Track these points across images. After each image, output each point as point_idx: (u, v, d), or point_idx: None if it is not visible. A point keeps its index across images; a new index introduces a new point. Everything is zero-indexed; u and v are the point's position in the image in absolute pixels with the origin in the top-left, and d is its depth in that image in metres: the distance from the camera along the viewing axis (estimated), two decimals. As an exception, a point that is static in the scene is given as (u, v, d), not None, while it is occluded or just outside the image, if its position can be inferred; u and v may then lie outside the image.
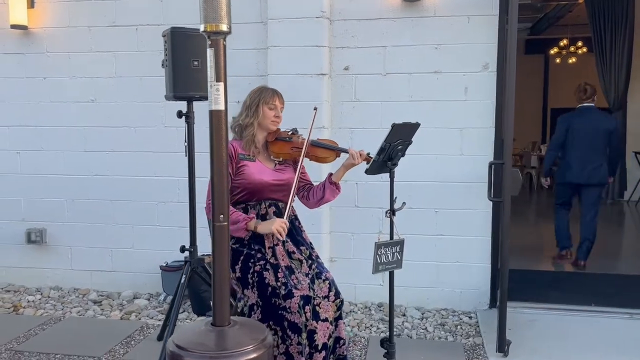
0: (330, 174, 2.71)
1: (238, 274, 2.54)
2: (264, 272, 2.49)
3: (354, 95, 4.14)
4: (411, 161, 4.09)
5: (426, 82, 4.04)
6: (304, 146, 2.59)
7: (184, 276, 3.18)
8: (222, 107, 1.83)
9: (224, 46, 1.84)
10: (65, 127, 4.52)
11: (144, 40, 4.34)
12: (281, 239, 2.46)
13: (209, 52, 1.80)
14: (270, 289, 2.46)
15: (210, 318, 2.01)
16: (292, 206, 2.73)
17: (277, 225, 2.45)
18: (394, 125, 2.35)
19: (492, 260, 4.08)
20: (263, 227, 2.48)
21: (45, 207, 4.61)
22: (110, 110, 4.44)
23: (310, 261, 2.62)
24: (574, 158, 4.88)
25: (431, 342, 3.63)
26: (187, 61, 2.96)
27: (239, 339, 1.91)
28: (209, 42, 1.79)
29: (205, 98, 3.08)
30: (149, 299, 4.39)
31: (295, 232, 2.67)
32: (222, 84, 1.81)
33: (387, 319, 3.98)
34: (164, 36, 3.04)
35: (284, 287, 2.45)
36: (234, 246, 2.60)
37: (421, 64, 4.03)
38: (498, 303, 3.34)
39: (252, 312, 2.51)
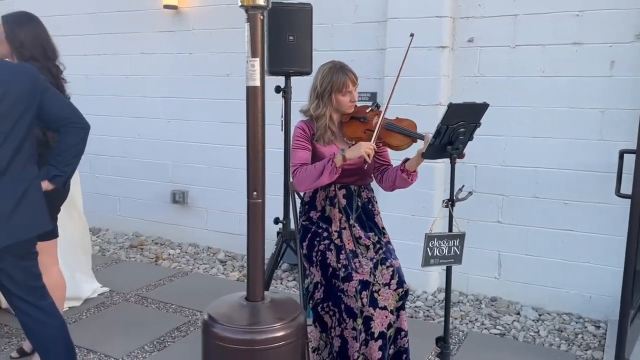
0: (407, 160, 2.50)
1: (305, 251, 2.54)
2: (327, 252, 2.45)
3: (478, 69, 3.79)
4: (539, 145, 3.67)
5: (563, 55, 3.52)
6: (376, 130, 2.40)
7: (275, 247, 3.28)
8: (258, 84, 1.81)
9: (262, 21, 1.81)
10: (205, 99, 4.92)
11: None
12: (369, 161, 2.31)
13: (246, 27, 1.78)
14: (331, 269, 2.42)
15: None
16: (368, 189, 2.63)
17: (366, 147, 2.29)
18: (450, 105, 2.08)
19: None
20: (352, 153, 2.31)
21: (188, 171, 5.11)
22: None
23: (378, 246, 2.50)
24: None
25: (539, 348, 3.25)
26: (283, 36, 2.97)
27: (268, 316, 1.92)
28: (245, 17, 1.78)
29: (301, 73, 3.12)
30: (266, 264, 4.63)
31: (366, 216, 2.56)
32: (258, 59, 1.79)
33: (497, 314, 3.68)
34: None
35: (343, 270, 2.39)
36: (304, 223, 2.60)
37: (558, 34, 3.52)
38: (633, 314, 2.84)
39: (316, 290, 2.50)
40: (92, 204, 5.49)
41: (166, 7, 4.87)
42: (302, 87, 3.46)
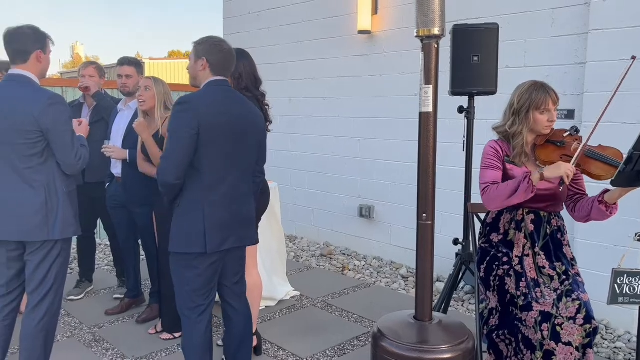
0: (605, 191, 2.29)
1: (482, 274, 2.49)
2: (506, 278, 2.37)
3: (703, 82, 3.28)
4: None
5: None
6: (575, 156, 2.25)
7: (453, 268, 3.25)
8: (431, 110, 1.87)
9: (436, 49, 1.87)
10: (392, 119, 5.10)
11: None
12: (567, 182, 2.19)
13: (420, 56, 1.86)
14: (509, 296, 2.34)
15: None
16: (558, 217, 2.47)
17: (566, 168, 2.18)
18: (643, 130, 1.85)
19: None
20: (551, 172, 2.22)
21: (375, 187, 5.33)
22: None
23: (564, 277, 2.34)
24: None
25: None
26: (467, 57, 2.97)
27: (435, 337, 1.95)
28: (420, 46, 1.86)
29: (484, 93, 3.08)
30: (449, 284, 4.58)
31: (554, 245, 2.41)
32: (431, 86, 1.86)
33: None
34: (449, 33, 3.13)
35: (523, 298, 2.29)
36: (483, 245, 2.55)
37: None
38: None
39: (492, 316, 2.43)
40: (291, 214, 6.07)
41: (360, 32, 5.18)
42: (485, 107, 3.42)
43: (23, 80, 2.56)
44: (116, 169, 3.62)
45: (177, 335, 3.46)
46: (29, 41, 2.57)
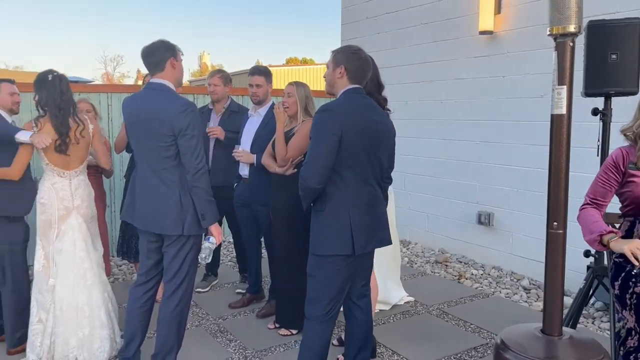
0: None
1: (617, 291, 2.29)
2: (645, 296, 2.16)
3: None
4: None
5: None
6: None
7: (584, 282, 3.02)
8: (564, 112, 1.77)
9: (572, 48, 1.75)
10: (515, 122, 4.86)
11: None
12: (636, 264, 2.04)
13: (553, 55, 1.76)
14: (650, 316, 2.13)
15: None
16: None
17: (634, 246, 2.05)
18: None
19: None
20: (615, 244, 2.13)
21: (495, 193, 5.11)
22: (557, 105, 4.47)
23: None
24: None
25: None
26: (603, 55, 2.75)
27: (565, 353, 1.84)
28: (554, 45, 1.75)
29: (624, 94, 2.84)
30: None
31: None
32: (564, 87, 1.75)
33: None
34: (584, 30, 2.91)
35: (666, 319, 2.07)
36: (617, 260, 2.34)
37: None
38: None
39: (630, 337, 2.23)
40: (405, 218, 6.01)
41: (482, 33, 5.01)
42: (623, 108, 3.13)
43: (161, 88, 2.79)
44: (244, 171, 3.85)
45: (294, 332, 3.58)
46: (161, 51, 2.79)
